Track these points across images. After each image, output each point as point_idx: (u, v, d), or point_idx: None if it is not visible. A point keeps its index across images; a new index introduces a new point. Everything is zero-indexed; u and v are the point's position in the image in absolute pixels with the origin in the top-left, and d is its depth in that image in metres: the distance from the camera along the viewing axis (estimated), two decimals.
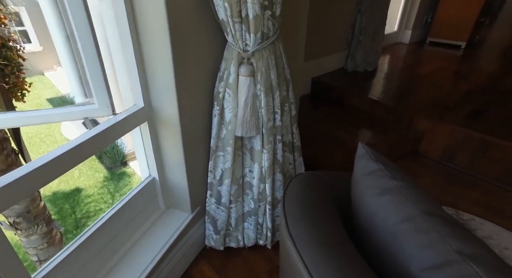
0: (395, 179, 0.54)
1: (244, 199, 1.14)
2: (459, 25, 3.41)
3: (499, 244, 0.83)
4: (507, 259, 0.80)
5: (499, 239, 0.86)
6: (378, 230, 0.51)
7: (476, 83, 2.43)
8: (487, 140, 1.67)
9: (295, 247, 0.44)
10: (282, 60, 1.00)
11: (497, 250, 0.82)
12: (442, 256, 0.43)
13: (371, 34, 2.55)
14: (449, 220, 0.48)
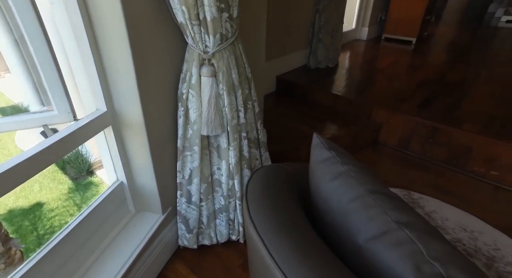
0: (346, 164, 0.60)
1: (214, 196, 1.17)
2: (408, 22, 3.67)
3: (441, 216, 0.94)
4: (446, 228, 0.90)
5: (441, 212, 0.96)
6: (333, 211, 0.57)
7: (425, 76, 2.63)
8: (435, 127, 1.84)
9: (257, 231, 0.49)
10: (242, 60, 1.04)
11: (439, 221, 0.93)
12: (383, 226, 0.49)
13: (330, 32, 2.67)
14: (390, 196, 0.55)
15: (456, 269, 0.42)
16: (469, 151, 1.76)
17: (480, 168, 1.75)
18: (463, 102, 2.11)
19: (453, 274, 0.41)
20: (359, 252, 0.51)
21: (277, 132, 1.92)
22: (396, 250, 0.46)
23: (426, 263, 0.43)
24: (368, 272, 0.49)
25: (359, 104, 2.14)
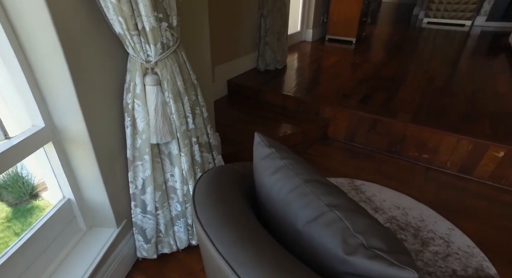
0: (284, 158, 0.66)
1: (170, 203, 1.17)
2: (347, 24, 3.95)
3: (379, 199, 1.05)
4: (384, 208, 1.01)
5: (380, 195, 1.08)
6: (275, 202, 0.62)
7: (365, 73, 2.87)
8: (375, 119, 2.02)
9: (202, 227, 0.52)
10: (186, 67, 1.07)
11: (378, 203, 1.04)
12: (317, 210, 0.55)
13: (276, 35, 2.79)
14: (323, 183, 0.61)
15: (375, 238, 0.50)
16: (404, 138, 1.96)
17: (414, 152, 1.96)
18: (396, 95, 2.34)
19: (372, 243, 0.49)
20: (298, 236, 0.56)
21: (231, 134, 1.96)
22: (327, 229, 0.52)
23: (352, 237, 0.50)
24: (307, 253, 0.55)
25: (307, 103, 2.26)
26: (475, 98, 2.32)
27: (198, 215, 0.55)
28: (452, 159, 1.85)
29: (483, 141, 1.73)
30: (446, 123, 1.90)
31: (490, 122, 1.94)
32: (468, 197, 1.69)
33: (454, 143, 1.81)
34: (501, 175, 1.75)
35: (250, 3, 2.59)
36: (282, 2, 2.71)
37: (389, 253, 0.47)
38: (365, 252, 0.47)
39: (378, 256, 0.46)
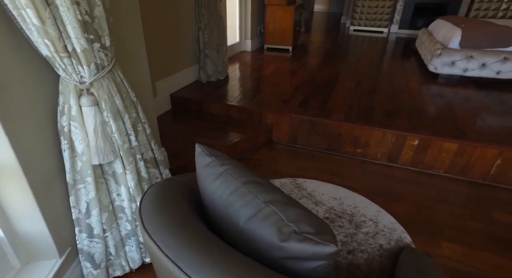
0: (224, 165, 0.72)
1: (119, 223, 1.15)
2: (283, 33, 4.21)
3: (319, 193, 1.17)
4: (323, 200, 1.13)
5: (319, 190, 1.20)
6: (218, 205, 0.68)
7: (302, 78, 3.09)
8: (313, 121, 2.19)
9: (149, 236, 0.55)
10: (124, 86, 1.07)
11: (318, 197, 1.16)
12: (255, 207, 0.62)
13: (215, 47, 2.87)
14: (260, 183, 0.69)
15: (305, 225, 0.58)
16: (340, 136, 2.16)
17: (350, 148, 2.17)
18: (330, 98, 2.57)
19: (302, 229, 0.57)
20: (241, 233, 0.63)
21: (178, 148, 1.96)
22: (265, 222, 0.59)
23: (285, 226, 0.58)
24: (249, 246, 0.61)
25: (250, 111, 2.37)
26: (395, 96, 2.65)
27: (145, 225, 0.58)
28: (381, 151, 2.10)
29: (402, 132, 2.00)
30: (373, 120, 2.15)
31: (407, 116, 2.24)
32: (396, 182, 1.93)
33: (380, 136, 2.05)
34: (418, 160, 2.03)
35: (186, 18, 2.63)
36: (218, 15, 2.80)
37: (316, 235, 0.55)
38: (296, 237, 0.55)
39: (307, 239, 0.55)
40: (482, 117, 2.24)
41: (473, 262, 1.36)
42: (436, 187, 1.89)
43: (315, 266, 0.56)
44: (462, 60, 3.00)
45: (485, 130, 2.03)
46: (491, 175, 1.91)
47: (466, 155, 1.91)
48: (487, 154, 1.86)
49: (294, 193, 1.21)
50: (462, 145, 1.89)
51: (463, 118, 2.22)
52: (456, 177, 1.99)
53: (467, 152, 1.90)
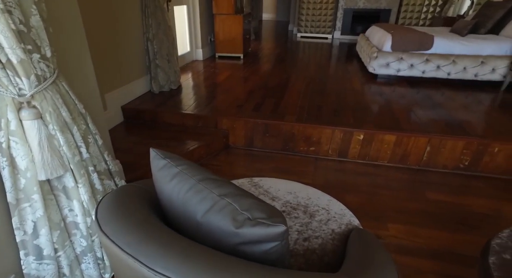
0: (179, 165, 0.75)
1: (73, 240, 1.10)
2: (233, 41, 4.31)
3: (275, 189, 1.24)
4: (279, 196, 1.20)
5: (275, 186, 1.27)
6: (175, 204, 0.70)
7: (254, 84, 3.19)
8: (267, 123, 2.28)
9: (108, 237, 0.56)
10: (70, 97, 1.05)
11: (274, 193, 1.23)
12: (211, 201, 0.66)
13: (166, 57, 2.85)
14: (214, 179, 0.73)
15: (258, 211, 0.63)
16: (293, 137, 2.28)
17: (304, 147, 2.30)
18: (282, 100, 2.70)
19: (255, 215, 0.62)
20: (199, 227, 0.66)
21: (134, 160, 1.92)
22: (220, 213, 0.63)
23: (240, 214, 0.62)
24: (207, 238, 0.65)
25: (205, 118, 2.39)
26: (340, 96, 2.87)
27: (102, 229, 0.58)
28: (332, 147, 2.26)
29: (349, 128, 2.17)
30: (323, 119, 2.31)
31: (352, 113, 2.44)
32: (347, 175, 2.09)
33: (330, 134, 2.21)
34: (365, 153, 2.22)
35: (133, 28, 2.59)
36: (167, 25, 2.80)
37: (268, 219, 0.61)
38: (250, 222, 0.60)
39: (260, 223, 0.60)
40: (413, 111, 2.53)
41: (413, 238, 1.53)
42: (382, 176, 2.09)
43: (269, 247, 0.62)
44: (395, 62, 3.34)
45: (416, 122, 2.29)
46: (424, 161, 2.15)
47: (403, 145, 2.13)
48: (419, 143, 2.10)
49: (251, 191, 1.26)
50: (399, 136, 2.11)
51: (399, 112, 2.48)
52: (397, 165, 2.21)
53: (403, 142, 2.12)
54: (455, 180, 2.06)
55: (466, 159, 2.09)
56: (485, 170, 2.10)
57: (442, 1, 6.22)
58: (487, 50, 3.15)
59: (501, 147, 2.00)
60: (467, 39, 3.26)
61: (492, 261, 0.96)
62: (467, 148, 2.06)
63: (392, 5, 6.40)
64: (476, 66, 3.17)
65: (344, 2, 6.55)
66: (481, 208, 1.77)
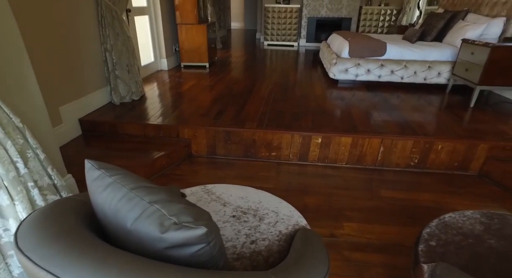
0: (114, 175, 0.75)
1: (9, 262, 1.05)
2: (198, 51, 4.33)
3: (227, 195, 1.27)
4: (231, 201, 1.23)
5: (227, 192, 1.29)
6: (108, 214, 0.71)
7: (218, 92, 3.22)
8: (228, 131, 2.31)
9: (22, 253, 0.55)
10: (4, 111, 1.02)
11: (226, 198, 1.25)
12: (141, 208, 0.67)
13: (126, 67, 2.81)
14: (148, 187, 0.74)
15: (185, 216, 0.65)
16: (254, 143, 2.32)
17: (265, 152, 2.35)
18: (245, 108, 2.74)
19: (182, 219, 0.64)
20: (129, 235, 0.67)
21: None
22: (148, 220, 0.65)
23: (167, 220, 0.64)
24: (137, 245, 0.66)
25: (167, 127, 2.38)
26: (302, 101, 2.96)
27: (18, 245, 0.58)
28: (292, 152, 2.32)
29: (308, 133, 2.25)
30: (282, 124, 2.37)
31: (312, 117, 2.53)
32: (307, 178, 2.15)
33: (289, 138, 2.27)
34: (324, 156, 2.31)
35: (89, 39, 2.54)
36: (126, 35, 2.78)
37: (193, 222, 0.63)
38: (175, 227, 0.62)
39: (184, 226, 0.62)
40: (370, 113, 2.66)
41: (366, 234, 1.61)
42: (340, 177, 2.17)
43: (196, 250, 0.64)
44: (353, 67, 3.51)
45: (371, 124, 2.42)
46: (379, 161, 2.27)
47: (359, 146, 2.24)
48: (373, 144, 2.22)
49: (203, 198, 1.27)
50: (354, 138, 2.22)
51: (356, 115, 2.61)
52: (355, 166, 2.31)
53: (359, 144, 2.23)
54: (407, 177, 2.19)
55: (416, 157, 2.23)
56: (432, 167, 2.25)
57: (397, 11, 6.64)
58: (432, 56, 3.40)
59: (443, 144, 2.16)
60: (415, 46, 3.51)
61: (421, 248, 1.04)
62: (416, 146, 2.20)
63: (352, 14, 6.73)
64: (424, 70, 3.40)
65: (307, 11, 6.80)
66: (427, 202, 1.89)
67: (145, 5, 3.76)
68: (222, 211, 1.19)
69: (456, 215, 1.21)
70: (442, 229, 1.13)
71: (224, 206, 1.22)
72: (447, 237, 1.08)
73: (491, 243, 1.05)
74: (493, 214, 1.20)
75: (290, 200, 1.89)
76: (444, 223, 1.16)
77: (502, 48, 2.57)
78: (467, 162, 2.20)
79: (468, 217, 1.19)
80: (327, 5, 6.69)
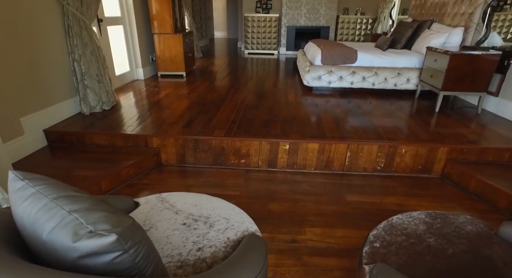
0: (38, 185, 0.75)
1: None
2: (174, 60, 4.34)
3: (181, 202, 1.27)
4: (183, 208, 1.23)
5: (181, 200, 1.29)
6: (27, 225, 0.70)
7: (192, 100, 3.22)
8: (197, 139, 2.31)
9: None
10: None
11: (179, 206, 1.25)
12: (59, 218, 0.67)
13: (95, 77, 2.79)
14: (72, 196, 0.73)
15: (104, 224, 0.65)
16: (223, 151, 2.33)
17: (234, 160, 2.35)
18: (216, 116, 2.76)
19: (99, 227, 0.64)
20: (44, 246, 0.66)
21: None
22: (64, 229, 0.64)
23: (83, 228, 0.64)
24: (52, 257, 0.65)
25: (135, 137, 2.36)
26: (274, 108, 3.00)
27: None
28: (261, 158, 2.34)
29: (275, 139, 2.28)
30: (251, 131, 2.39)
31: (282, 124, 2.56)
32: (275, 185, 2.16)
33: (257, 145, 2.29)
34: (293, 162, 2.33)
35: (56, 48, 2.52)
36: (95, 45, 2.76)
37: (108, 230, 0.63)
38: (88, 235, 0.62)
39: (98, 234, 0.62)
40: (339, 119, 2.72)
41: (327, 239, 1.63)
42: (308, 182, 2.20)
43: (111, 259, 0.63)
44: (326, 75, 3.59)
45: (340, 130, 2.47)
46: (346, 165, 2.31)
47: (326, 152, 2.28)
48: (340, 149, 2.26)
49: (157, 206, 1.27)
50: (321, 143, 2.26)
51: (326, 122, 2.65)
52: (323, 171, 2.34)
53: (326, 149, 2.27)
54: (374, 181, 2.24)
55: (382, 161, 2.28)
56: (398, 170, 2.30)
57: (372, 19, 6.86)
58: (401, 63, 3.52)
59: (406, 148, 2.22)
60: (384, 53, 3.62)
61: (365, 250, 1.06)
62: (381, 151, 2.25)
63: (330, 23, 6.91)
64: (394, 77, 3.51)
65: (286, 20, 6.94)
66: (391, 205, 1.93)
67: (119, 15, 3.77)
68: (173, 219, 1.19)
69: (404, 216, 1.24)
70: (388, 230, 1.16)
71: (176, 213, 1.22)
72: (391, 238, 1.11)
73: (430, 241, 1.08)
74: (437, 214, 1.24)
75: (255, 207, 1.90)
76: (391, 224, 1.19)
77: (459, 56, 2.69)
78: (430, 165, 2.27)
79: (414, 218, 1.22)
80: (305, 14, 6.85)
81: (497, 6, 3.22)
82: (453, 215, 1.24)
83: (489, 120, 2.74)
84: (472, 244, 1.07)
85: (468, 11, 3.26)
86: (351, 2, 7.00)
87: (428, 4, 4.27)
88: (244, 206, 1.90)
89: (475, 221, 1.20)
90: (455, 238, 1.10)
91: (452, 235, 1.12)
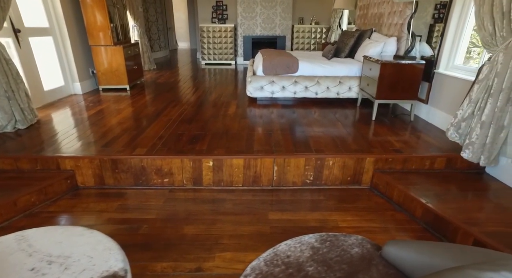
0: None
1: None
2: (116, 73, 4.13)
3: (43, 241, 1.09)
4: (41, 249, 1.06)
5: (45, 237, 1.12)
6: None
7: (125, 116, 3.03)
8: (115, 159, 2.14)
9: None
10: None
11: (38, 246, 1.08)
12: None
13: (4, 94, 2.54)
14: None
15: None
16: (144, 170, 2.17)
17: (157, 179, 2.20)
18: (145, 131, 2.59)
19: None
20: None
21: None
22: None
23: None
24: None
25: (44, 159, 2.14)
26: (209, 122, 2.88)
27: None
28: (185, 176, 2.20)
29: (198, 156, 2.15)
30: (175, 148, 2.25)
31: (210, 140, 2.44)
32: (196, 204, 2.02)
33: (180, 163, 2.15)
34: (219, 179, 2.21)
35: None
36: (3, 58, 2.52)
37: None
38: None
39: None
40: (272, 132, 2.65)
41: (235, 265, 1.50)
42: (233, 201, 2.08)
43: None
44: (268, 85, 3.54)
45: (269, 143, 2.39)
46: (275, 180, 2.23)
47: (252, 167, 2.18)
48: (266, 163, 2.17)
49: (10, 247, 1.09)
50: (246, 159, 2.16)
51: (258, 135, 2.57)
52: (252, 187, 2.24)
53: (252, 165, 2.17)
54: (303, 195, 2.16)
55: (310, 174, 2.22)
56: (328, 182, 2.25)
57: (326, 29, 7.02)
58: (342, 72, 3.55)
59: (334, 160, 2.18)
60: (326, 62, 3.64)
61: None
62: (308, 164, 2.19)
63: (285, 32, 6.98)
64: (336, 85, 3.53)
65: (242, 30, 6.93)
66: (313, 221, 1.86)
67: (47, 25, 3.53)
68: (22, 263, 1.02)
69: (293, 241, 1.15)
70: (269, 260, 1.06)
71: (30, 256, 1.05)
72: (269, 269, 1.01)
73: (309, 270, 0.99)
74: (328, 236, 1.16)
75: (167, 231, 1.75)
76: (275, 252, 1.09)
77: (388, 65, 2.73)
78: (359, 175, 2.23)
79: (302, 243, 1.13)
80: (261, 24, 6.87)
81: (438, 18, 3.34)
82: (344, 236, 1.16)
83: (420, 128, 2.79)
84: (351, 269, 0.99)
85: (399, 22, 3.36)
86: (305, 11, 7.13)
87: (369, 15, 4.39)
88: (156, 230, 1.75)
89: (364, 242, 1.13)
90: (337, 263, 1.02)
91: (335, 260, 1.04)
